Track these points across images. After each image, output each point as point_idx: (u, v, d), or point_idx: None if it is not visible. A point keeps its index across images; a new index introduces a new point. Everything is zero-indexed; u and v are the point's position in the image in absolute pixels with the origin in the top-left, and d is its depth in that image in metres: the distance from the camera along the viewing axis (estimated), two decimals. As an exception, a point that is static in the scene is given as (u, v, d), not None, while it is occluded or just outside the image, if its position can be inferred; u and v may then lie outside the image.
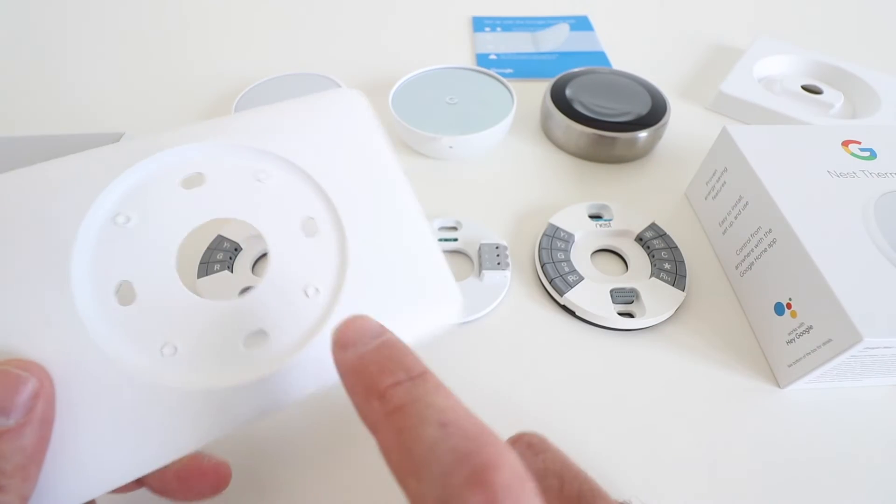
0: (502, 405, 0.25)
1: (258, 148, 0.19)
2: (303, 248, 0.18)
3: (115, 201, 0.17)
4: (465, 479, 0.10)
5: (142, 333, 0.16)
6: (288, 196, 0.19)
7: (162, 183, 0.18)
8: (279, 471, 0.23)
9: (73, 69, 0.47)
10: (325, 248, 0.18)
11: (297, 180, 0.19)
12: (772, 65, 0.46)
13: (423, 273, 0.19)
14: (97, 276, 0.16)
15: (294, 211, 0.19)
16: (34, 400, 0.13)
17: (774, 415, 0.25)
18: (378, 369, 0.12)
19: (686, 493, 0.23)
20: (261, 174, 0.19)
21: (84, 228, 0.16)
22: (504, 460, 0.10)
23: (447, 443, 0.10)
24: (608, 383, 0.26)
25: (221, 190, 0.18)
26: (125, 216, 0.17)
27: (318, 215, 0.19)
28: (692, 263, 0.31)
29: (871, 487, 0.23)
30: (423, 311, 0.18)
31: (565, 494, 0.15)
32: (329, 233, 0.19)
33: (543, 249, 0.30)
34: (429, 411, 0.11)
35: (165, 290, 0.17)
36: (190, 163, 0.18)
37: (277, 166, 0.19)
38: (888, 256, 0.24)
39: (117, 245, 0.17)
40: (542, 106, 0.40)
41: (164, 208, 0.17)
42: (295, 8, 0.56)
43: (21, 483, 0.13)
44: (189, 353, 0.16)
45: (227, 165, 0.19)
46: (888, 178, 0.28)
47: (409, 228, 0.19)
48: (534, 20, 0.55)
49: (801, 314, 0.25)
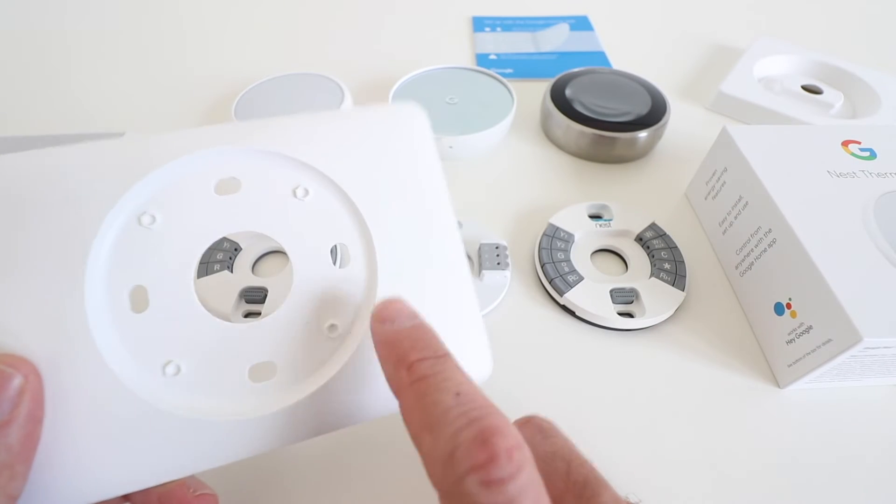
0: (502, 405, 0.25)
1: (300, 160, 0.17)
2: (329, 278, 0.17)
3: (143, 199, 0.16)
4: (472, 437, 0.11)
5: (148, 346, 0.15)
6: (323, 218, 0.17)
7: (194, 184, 0.16)
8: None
9: (73, 69, 0.47)
10: (353, 283, 0.17)
11: (336, 202, 0.17)
12: (772, 65, 0.46)
13: (456, 328, 0.17)
14: (112, 278, 0.15)
15: (327, 235, 0.17)
16: (19, 396, 0.13)
17: (774, 415, 0.25)
18: (410, 345, 0.14)
19: (686, 492, 0.23)
20: (298, 189, 0.17)
21: (106, 224, 0.15)
22: (507, 429, 0.12)
23: (460, 408, 0.12)
24: (608, 383, 0.26)
25: (255, 201, 0.17)
26: (151, 216, 0.16)
27: (351, 244, 0.17)
28: (692, 263, 0.31)
29: (871, 487, 0.23)
30: None
31: (572, 479, 0.15)
32: (360, 266, 0.17)
33: (543, 249, 0.30)
34: (447, 383, 0.13)
35: (179, 303, 0.16)
36: (226, 166, 0.17)
37: (317, 182, 0.17)
38: (888, 256, 0.24)
39: (138, 246, 0.15)
40: (542, 106, 0.40)
41: (193, 213, 0.16)
42: (295, 8, 0.56)
43: (7, 482, 0.13)
44: (192, 375, 0.15)
45: (264, 174, 0.17)
46: (888, 178, 0.28)
47: (448, 276, 0.18)
48: (534, 20, 0.55)
49: (801, 314, 0.25)
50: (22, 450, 0.13)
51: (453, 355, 0.14)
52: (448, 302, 0.17)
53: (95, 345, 0.14)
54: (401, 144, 0.18)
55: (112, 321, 0.15)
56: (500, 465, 0.11)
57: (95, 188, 0.15)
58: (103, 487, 0.14)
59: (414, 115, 0.19)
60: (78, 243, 0.15)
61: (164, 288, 0.15)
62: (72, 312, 0.14)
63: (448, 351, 0.14)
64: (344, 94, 0.39)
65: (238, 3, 0.56)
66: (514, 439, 0.12)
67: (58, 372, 0.14)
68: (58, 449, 0.14)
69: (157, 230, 0.16)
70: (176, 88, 0.45)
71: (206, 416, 0.15)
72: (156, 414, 0.15)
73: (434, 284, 0.17)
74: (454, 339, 0.17)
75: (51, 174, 0.15)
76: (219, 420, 0.15)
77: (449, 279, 0.18)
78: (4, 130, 0.40)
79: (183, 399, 0.15)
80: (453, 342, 0.17)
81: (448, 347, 0.15)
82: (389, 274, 0.17)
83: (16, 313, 0.14)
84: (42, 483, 0.14)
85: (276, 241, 0.17)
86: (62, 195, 0.15)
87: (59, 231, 0.15)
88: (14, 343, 0.14)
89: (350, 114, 0.18)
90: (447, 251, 0.18)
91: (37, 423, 0.14)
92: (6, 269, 0.14)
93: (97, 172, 0.15)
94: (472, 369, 0.17)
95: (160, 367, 0.15)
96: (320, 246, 0.17)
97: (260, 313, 0.27)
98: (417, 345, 0.14)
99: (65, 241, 0.15)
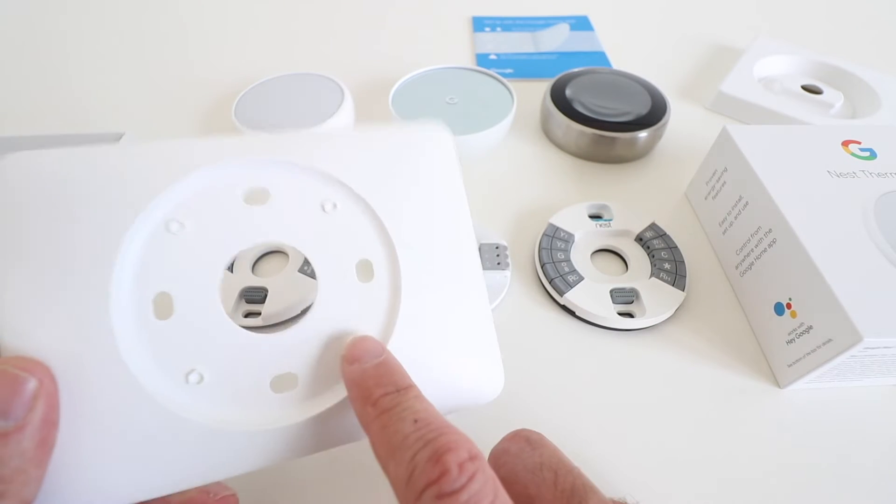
0: (502, 405, 0.25)
1: (331, 174, 0.17)
2: (353, 292, 0.17)
3: (173, 205, 0.16)
4: (427, 457, 0.13)
5: (171, 354, 0.15)
6: (350, 233, 0.17)
7: (224, 193, 0.16)
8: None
9: (73, 69, 0.47)
10: (376, 298, 0.17)
11: (364, 217, 0.18)
12: (772, 65, 0.46)
13: (472, 347, 0.18)
14: (138, 283, 0.15)
15: (353, 250, 0.17)
16: (34, 401, 0.13)
17: (774, 415, 0.25)
18: (374, 383, 0.15)
19: (686, 492, 0.23)
20: (327, 203, 0.17)
21: (135, 229, 0.15)
22: (460, 445, 0.13)
23: (417, 433, 0.13)
24: (608, 383, 0.26)
25: (284, 212, 0.17)
26: (179, 223, 0.16)
27: (376, 260, 0.17)
28: (692, 263, 0.31)
29: (870, 487, 0.23)
30: (463, 387, 0.18)
31: (559, 488, 0.16)
32: (383, 282, 0.17)
33: (543, 249, 0.30)
34: (406, 412, 0.14)
35: (204, 311, 0.16)
36: (256, 176, 0.17)
37: (346, 198, 0.17)
38: (888, 256, 0.24)
39: (165, 253, 0.15)
40: (542, 106, 0.40)
41: (221, 220, 0.16)
42: (295, 8, 0.56)
43: (21, 487, 0.12)
44: (214, 384, 0.15)
45: (294, 186, 0.17)
46: (888, 178, 0.28)
47: (468, 295, 0.18)
48: (534, 20, 0.55)
49: (801, 314, 0.25)
50: (36, 454, 0.13)
51: (415, 386, 0.15)
52: (467, 320, 0.18)
53: (118, 350, 0.14)
54: (427, 164, 0.19)
55: (136, 327, 0.15)
56: (451, 478, 0.12)
57: (127, 191, 0.15)
58: (120, 494, 0.14)
59: (441, 136, 0.19)
60: (106, 247, 0.15)
61: (190, 296, 0.15)
62: (96, 316, 0.14)
63: (411, 383, 0.15)
64: (344, 94, 0.39)
65: (238, 3, 0.56)
66: (467, 453, 0.13)
67: (78, 376, 0.14)
68: (75, 454, 0.14)
69: (185, 237, 0.16)
70: (176, 88, 0.45)
71: (226, 425, 0.15)
72: (177, 422, 0.15)
73: (454, 302, 0.18)
74: (470, 355, 0.18)
75: (83, 173, 0.15)
76: (239, 430, 0.15)
77: (468, 298, 0.18)
78: (4, 130, 0.40)
79: (204, 407, 0.15)
80: (469, 358, 0.18)
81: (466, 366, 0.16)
82: (412, 290, 0.17)
83: (37, 315, 0.14)
84: (58, 488, 0.14)
85: (303, 254, 0.17)
86: (93, 196, 0.15)
87: (87, 233, 0.15)
88: (30, 346, 0.14)
89: (379, 131, 0.19)
90: (468, 271, 0.18)
91: (52, 427, 0.14)
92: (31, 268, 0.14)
93: (130, 175, 0.15)
94: (485, 386, 0.18)
95: (183, 374, 0.15)
96: (345, 260, 0.17)
97: (260, 313, 0.27)
98: (381, 381, 0.15)
99: (93, 243, 0.15)
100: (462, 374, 0.18)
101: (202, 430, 0.15)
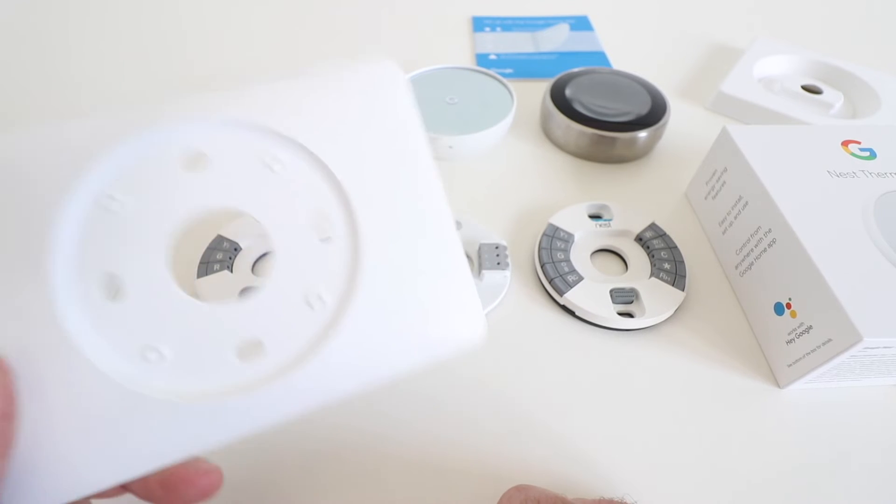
0: (502, 405, 0.25)
1: (271, 129, 0.16)
2: (312, 250, 0.16)
3: (105, 180, 0.15)
4: None
5: (126, 334, 0.15)
6: (300, 188, 0.16)
7: (159, 162, 0.15)
8: (276, 476, 0.23)
9: (73, 69, 0.47)
10: (337, 254, 0.16)
11: (312, 171, 0.17)
12: (772, 65, 0.46)
13: (446, 291, 0.17)
14: (81, 266, 0.14)
15: (306, 206, 0.16)
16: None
17: (774, 415, 0.25)
18: None
19: (685, 492, 0.23)
20: (271, 161, 0.16)
21: (68, 209, 0.14)
22: None
23: None
24: (608, 383, 0.26)
25: (226, 175, 0.16)
26: (115, 199, 0.15)
27: (332, 214, 0.17)
28: (692, 263, 0.31)
29: (870, 487, 0.23)
30: (440, 335, 0.17)
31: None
32: (343, 235, 0.16)
33: (543, 249, 0.30)
34: None
35: (156, 287, 0.15)
36: (192, 140, 0.16)
37: (291, 152, 0.17)
38: (888, 256, 0.24)
39: (106, 231, 0.15)
40: (542, 106, 0.40)
41: (160, 192, 0.15)
42: (295, 8, 0.56)
43: None
44: (176, 360, 0.15)
45: (233, 147, 0.16)
46: (888, 178, 0.28)
47: (435, 238, 0.17)
48: (534, 20, 0.55)
49: (800, 314, 0.25)
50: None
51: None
52: (437, 268, 0.17)
53: (69, 336, 0.14)
54: (378, 105, 0.17)
55: (86, 311, 0.14)
56: None
57: (49, 174, 0.14)
58: (93, 480, 0.14)
59: (389, 72, 0.18)
60: (37, 232, 0.14)
61: (139, 273, 0.15)
62: (39, 306, 0.14)
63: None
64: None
65: (238, 3, 0.56)
66: None
67: (33, 367, 0.14)
68: (40, 444, 0.14)
69: (124, 213, 0.15)
70: (176, 88, 0.45)
71: (192, 399, 0.15)
72: (142, 401, 0.14)
73: (421, 250, 0.17)
74: (445, 303, 0.17)
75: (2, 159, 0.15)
76: (207, 403, 0.15)
77: (437, 243, 0.17)
78: (3, 130, 0.40)
79: (168, 384, 0.15)
80: (444, 306, 0.17)
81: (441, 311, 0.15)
82: (374, 242, 0.16)
83: None
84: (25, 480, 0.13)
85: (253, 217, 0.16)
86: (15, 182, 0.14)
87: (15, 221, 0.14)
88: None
89: (322, 76, 0.17)
90: (433, 215, 0.17)
91: (9, 420, 0.13)
92: None
93: (50, 156, 0.15)
94: (464, 333, 0.17)
95: (141, 353, 0.15)
96: (300, 218, 0.16)
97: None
98: None
99: (24, 230, 0.14)
100: (437, 321, 0.17)
101: (168, 407, 0.14)
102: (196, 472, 0.16)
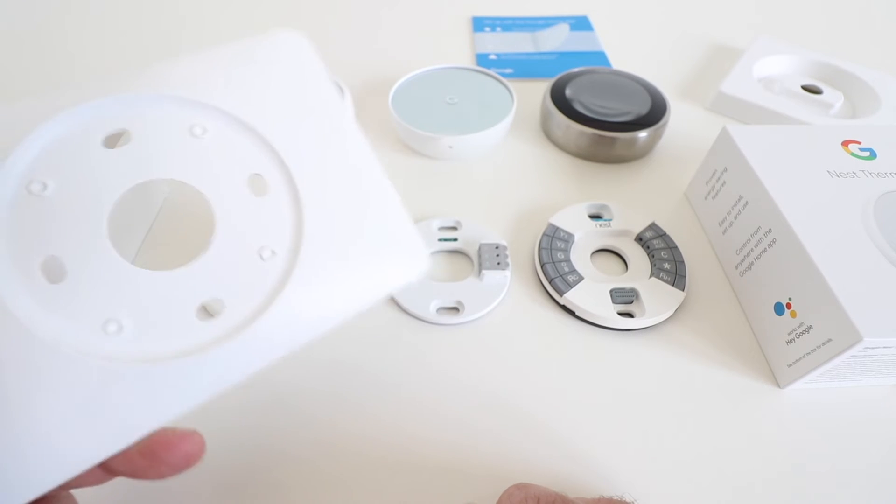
0: (502, 405, 0.25)
1: (191, 99, 0.17)
2: (252, 208, 0.17)
3: (27, 166, 0.15)
4: None
5: (79, 312, 0.15)
6: (229, 152, 0.17)
7: (80, 143, 0.16)
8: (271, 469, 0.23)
9: (73, 69, 0.47)
10: (278, 207, 0.17)
11: (238, 134, 0.17)
12: (772, 65, 0.46)
13: (385, 227, 0.18)
14: (17, 253, 0.14)
15: (238, 168, 0.17)
16: None
17: (774, 415, 0.25)
18: None
19: (685, 492, 0.23)
20: (196, 128, 0.17)
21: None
22: None
23: None
24: (608, 383, 0.26)
25: (151, 148, 0.16)
26: (41, 183, 0.15)
27: (265, 171, 0.17)
28: (692, 263, 0.31)
29: (870, 488, 0.23)
30: (388, 267, 0.18)
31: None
32: (280, 190, 0.17)
33: (543, 249, 0.30)
34: None
35: (100, 263, 0.15)
36: (111, 118, 0.16)
37: (214, 119, 0.17)
38: (888, 256, 0.24)
39: (36, 217, 0.15)
40: (542, 106, 0.40)
41: (86, 172, 0.16)
42: (294, 8, 0.56)
43: None
44: (136, 328, 0.15)
45: (155, 120, 0.17)
46: (888, 178, 0.28)
47: (366, 180, 0.18)
48: (534, 20, 0.55)
49: (800, 314, 0.25)
50: None
51: None
52: (373, 207, 0.18)
53: (19, 322, 0.14)
54: (290, 68, 0.19)
55: (31, 296, 0.14)
56: None
57: None
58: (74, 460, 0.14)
59: (295, 39, 0.19)
60: None
61: (79, 253, 0.15)
62: None
63: None
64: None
65: (238, 3, 0.56)
66: None
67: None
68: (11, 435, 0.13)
69: (52, 197, 0.15)
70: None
71: (157, 364, 0.15)
72: (107, 372, 0.14)
73: (351, 184, 0.18)
74: (386, 239, 0.18)
75: None
76: (176, 363, 0.15)
77: (363, 177, 0.18)
78: None
79: (131, 354, 0.15)
80: (386, 242, 0.18)
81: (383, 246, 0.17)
82: (310, 190, 0.17)
83: None
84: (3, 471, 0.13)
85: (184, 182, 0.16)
86: None
87: None
88: None
89: (228, 46, 0.19)
90: (355, 153, 0.18)
91: None
92: None
93: None
94: (408, 264, 0.18)
95: (100, 327, 0.15)
96: (234, 178, 0.17)
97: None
98: None
99: None
100: (383, 254, 0.18)
101: (141, 374, 0.14)
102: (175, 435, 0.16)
